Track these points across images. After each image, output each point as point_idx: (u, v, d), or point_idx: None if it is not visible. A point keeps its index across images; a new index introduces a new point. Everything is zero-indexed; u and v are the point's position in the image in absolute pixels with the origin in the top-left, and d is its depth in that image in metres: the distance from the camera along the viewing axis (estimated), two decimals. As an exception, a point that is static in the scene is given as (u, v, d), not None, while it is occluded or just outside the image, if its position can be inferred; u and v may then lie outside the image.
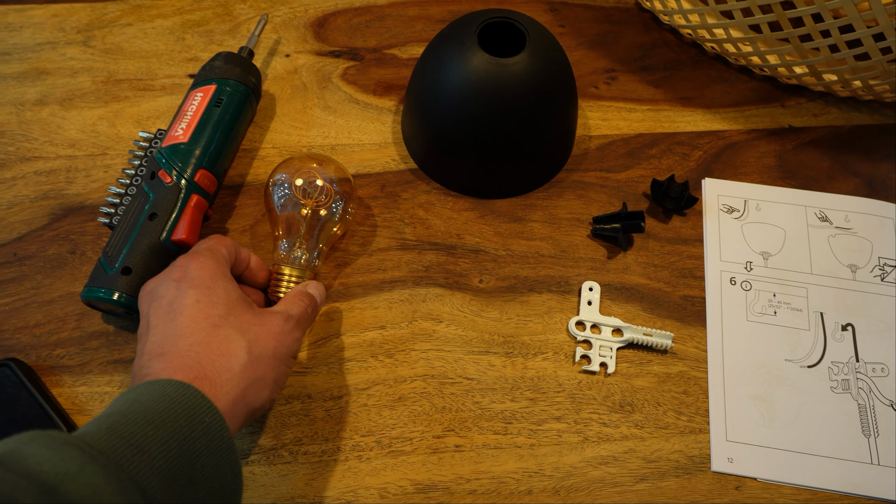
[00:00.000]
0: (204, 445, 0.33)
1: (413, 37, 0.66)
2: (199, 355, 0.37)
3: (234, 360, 0.38)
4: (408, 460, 0.46)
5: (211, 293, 0.40)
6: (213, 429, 0.34)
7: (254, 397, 0.39)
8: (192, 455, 0.33)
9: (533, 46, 0.50)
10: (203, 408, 0.34)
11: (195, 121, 0.51)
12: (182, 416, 0.33)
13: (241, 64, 0.55)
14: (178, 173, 0.49)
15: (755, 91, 0.65)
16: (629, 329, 0.51)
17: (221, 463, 0.34)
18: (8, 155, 0.56)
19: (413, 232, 0.55)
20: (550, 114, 0.54)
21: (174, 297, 0.40)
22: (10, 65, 0.61)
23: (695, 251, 0.55)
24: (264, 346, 0.40)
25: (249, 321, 0.40)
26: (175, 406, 0.34)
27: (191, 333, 0.38)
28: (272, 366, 0.40)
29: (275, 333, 0.41)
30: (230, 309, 0.40)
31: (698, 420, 0.48)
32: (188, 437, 0.33)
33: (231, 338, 0.39)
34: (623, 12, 0.69)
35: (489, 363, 0.50)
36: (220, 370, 0.37)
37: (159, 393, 0.34)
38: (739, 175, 0.59)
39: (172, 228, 0.47)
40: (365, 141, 0.59)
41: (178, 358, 0.37)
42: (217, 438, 0.34)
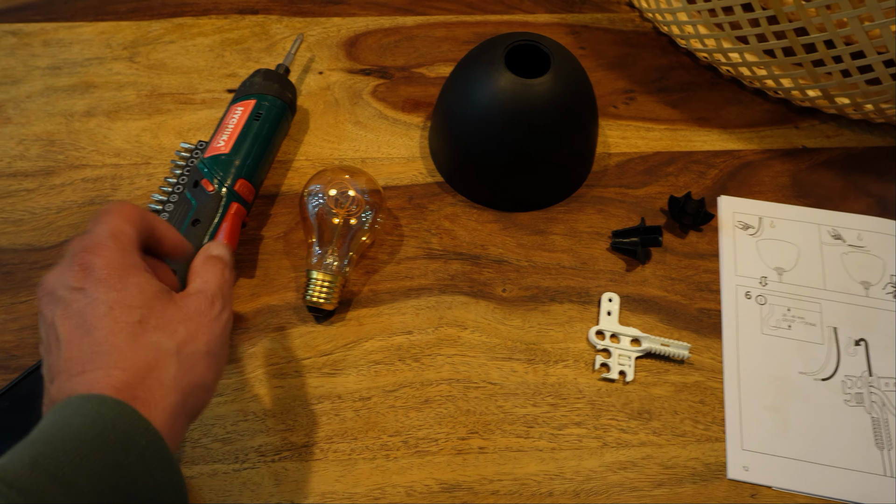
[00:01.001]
0: (140, 471, 0.31)
1: (440, 56, 0.69)
2: (125, 373, 0.33)
3: (164, 373, 0.34)
4: (433, 460, 0.48)
5: (123, 295, 0.35)
6: (149, 451, 0.31)
7: (194, 404, 0.36)
8: (127, 482, 0.30)
9: (557, 68, 0.53)
10: (139, 430, 0.31)
11: (236, 133, 0.54)
12: (116, 441, 0.30)
13: (278, 80, 0.58)
14: (220, 182, 0.52)
15: (769, 112, 0.67)
16: (647, 339, 0.53)
17: (163, 484, 0.32)
18: (58, 163, 0.59)
19: (439, 242, 0.57)
20: (573, 132, 0.56)
21: (83, 306, 0.34)
22: (60, 78, 0.64)
23: (711, 266, 0.57)
24: (196, 346, 0.36)
25: (173, 318, 0.36)
26: (108, 430, 0.30)
27: (111, 349, 0.34)
28: (208, 365, 0.37)
29: (204, 325, 0.37)
30: (149, 309, 0.35)
31: (714, 429, 0.50)
32: (121, 464, 0.30)
33: (157, 346, 0.35)
34: (641, 36, 0.72)
35: (512, 369, 0.52)
36: (150, 388, 0.33)
37: (93, 413, 0.31)
38: (754, 193, 0.61)
39: (213, 234, 0.50)
40: (394, 155, 0.62)
41: (103, 379, 0.33)
42: (156, 460, 0.31)
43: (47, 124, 0.62)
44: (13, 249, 0.55)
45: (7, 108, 0.62)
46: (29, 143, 0.60)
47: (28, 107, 0.62)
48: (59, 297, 0.35)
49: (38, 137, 0.61)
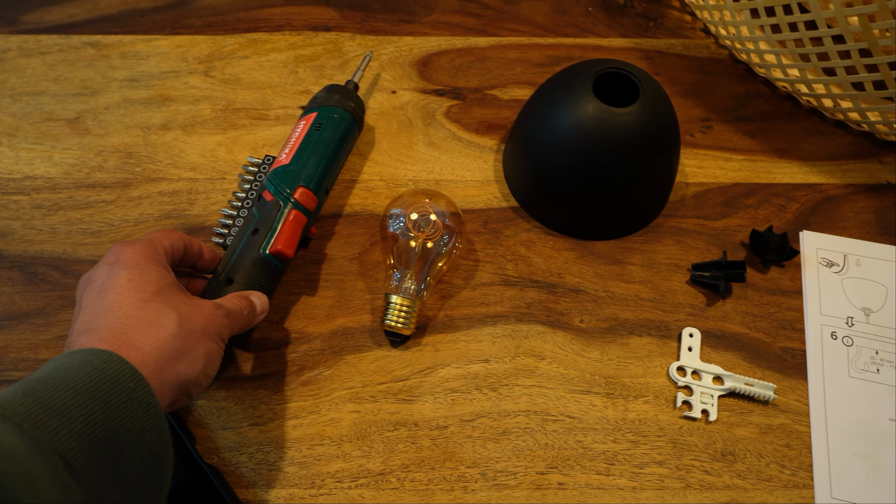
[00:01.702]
0: (129, 411, 0.33)
1: (513, 79, 0.68)
2: (126, 326, 0.37)
3: (163, 330, 0.38)
4: (512, 494, 0.47)
5: (143, 273, 0.40)
6: (137, 395, 0.33)
7: (185, 368, 0.39)
8: (115, 420, 0.32)
9: (646, 98, 0.52)
10: (127, 374, 0.34)
11: (296, 145, 0.54)
12: (104, 381, 0.33)
13: (339, 91, 0.58)
14: (278, 190, 0.52)
15: (852, 146, 0.65)
16: (731, 377, 0.51)
17: (148, 429, 0.33)
18: (135, 175, 0.60)
19: (515, 269, 0.56)
20: (656, 163, 0.55)
21: (106, 279, 0.40)
22: (137, 91, 0.65)
23: (794, 303, 0.56)
24: (194, 322, 0.40)
25: (181, 300, 0.41)
26: (97, 372, 0.33)
27: (119, 307, 0.38)
28: (202, 341, 0.40)
29: (205, 314, 0.41)
30: (162, 288, 0.40)
31: (802, 475, 0.48)
32: (111, 402, 0.32)
33: (161, 311, 0.39)
34: (717, 63, 0.71)
35: (591, 403, 0.51)
36: (147, 338, 0.37)
37: (81, 361, 0.33)
38: (837, 229, 0.60)
39: (270, 240, 0.50)
40: (468, 177, 0.61)
41: (105, 331, 0.36)
42: (142, 405, 0.33)
43: (125, 136, 0.62)
44: (92, 261, 0.55)
45: (86, 118, 0.63)
46: (107, 154, 0.61)
47: (106, 118, 0.63)
48: (91, 278, 0.41)
49: (116, 149, 0.61)
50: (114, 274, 0.40)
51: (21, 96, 0.64)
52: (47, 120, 0.62)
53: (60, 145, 0.61)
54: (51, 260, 0.55)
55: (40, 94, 0.64)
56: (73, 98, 0.64)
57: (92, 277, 0.41)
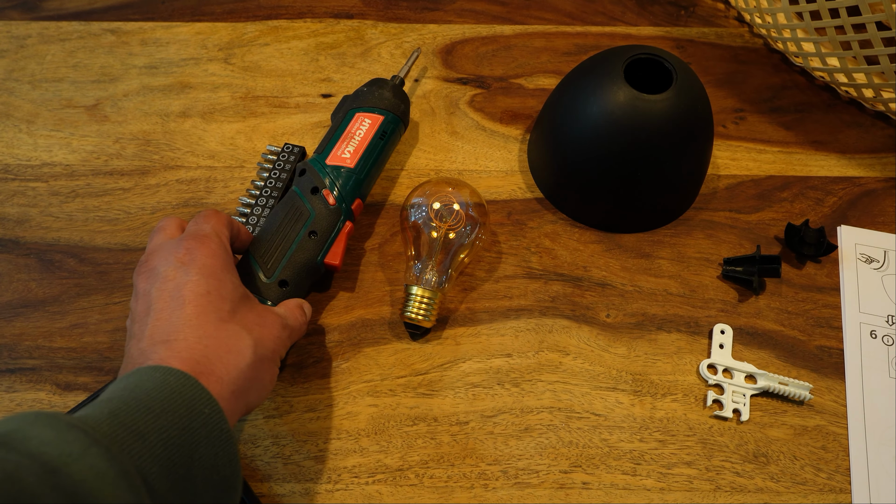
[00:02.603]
0: (203, 436, 0.33)
1: (539, 67, 0.66)
2: (207, 349, 0.36)
3: (241, 359, 0.37)
4: (534, 493, 0.46)
5: (221, 286, 0.39)
6: (211, 420, 0.34)
7: (253, 396, 0.39)
8: (190, 445, 0.32)
9: (679, 85, 0.50)
10: (202, 400, 0.34)
11: (362, 148, 0.52)
12: (182, 406, 0.33)
13: (404, 101, 0.56)
14: (341, 197, 0.50)
15: (893, 138, 0.62)
16: (764, 376, 0.49)
17: (220, 454, 0.34)
18: (153, 163, 0.59)
19: (539, 261, 0.55)
20: (688, 153, 0.53)
21: (181, 283, 0.38)
22: (156, 78, 0.64)
23: (831, 300, 0.53)
24: (266, 348, 0.40)
25: (254, 321, 0.40)
26: (175, 396, 0.33)
27: (200, 325, 0.37)
28: (269, 368, 0.40)
29: (274, 336, 0.41)
30: (237, 305, 0.40)
31: (838, 479, 0.46)
32: (187, 427, 0.32)
33: (239, 335, 0.38)
34: (751, 52, 0.68)
35: (617, 400, 0.49)
36: (227, 367, 0.37)
37: (160, 381, 0.34)
38: (877, 224, 0.57)
39: (327, 251, 0.48)
40: (491, 168, 0.60)
41: (185, 349, 0.36)
42: (216, 430, 0.34)
43: (143, 124, 0.61)
44: (108, 249, 0.54)
45: (105, 105, 0.62)
46: (125, 141, 0.60)
47: (125, 105, 0.62)
48: (161, 272, 0.39)
49: (135, 136, 0.60)
50: (189, 279, 0.38)
51: (40, 83, 0.63)
52: (66, 107, 0.62)
53: (79, 132, 0.60)
54: (67, 247, 0.54)
55: (60, 81, 0.63)
56: (92, 85, 0.63)
57: (161, 272, 0.39)
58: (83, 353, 0.50)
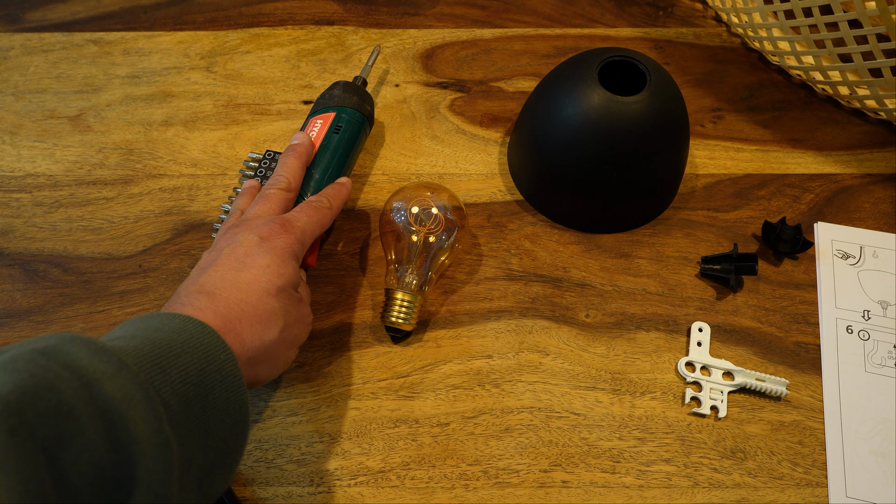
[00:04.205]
0: (218, 381, 0.35)
1: (519, 70, 0.67)
2: (242, 312, 0.39)
3: (267, 333, 0.40)
4: (514, 492, 0.46)
5: (281, 265, 0.42)
6: (226, 367, 0.36)
7: (264, 370, 0.41)
8: (206, 386, 0.34)
9: (653, 86, 0.51)
10: (218, 347, 0.36)
11: (315, 147, 0.53)
12: (199, 350, 0.35)
13: (357, 93, 0.57)
14: (300, 196, 0.50)
15: (869, 134, 0.63)
16: (741, 373, 0.50)
17: (232, 399, 0.36)
18: (136, 172, 0.59)
19: (519, 263, 0.55)
20: (664, 153, 0.54)
21: (251, 252, 0.42)
22: (139, 87, 0.64)
23: (808, 296, 0.54)
24: (292, 334, 0.43)
25: (293, 308, 0.43)
26: (194, 340, 0.35)
27: (247, 289, 0.40)
28: (287, 351, 0.43)
29: (304, 326, 0.45)
30: (286, 288, 0.42)
31: (815, 473, 0.47)
32: (204, 369, 0.34)
33: (274, 312, 0.41)
34: (729, 51, 0.69)
35: (596, 399, 0.50)
36: (253, 335, 0.39)
37: (180, 327, 0.36)
38: (854, 220, 0.58)
39: None
40: (472, 171, 0.60)
41: (223, 305, 0.39)
42: (230, 377, 0.36)
43: (126, 133, 0.62)
44: (91, 258, 0.55)
45: (88, 116, 0.62)
46: (108, 151, 0.61)
47: (108, 115, 0.63)
48: (239, 238, 0.43)
49: (118, 146, 0.61)
50: (259, 252, 0.42)
51: (24, 94, 0.64)
52: (49, 117, 0.62)
53: (62, 143, 0.61)
54: (51, 257, 0.55)
55: (43, 92, 0.64)
56: (75, 95, 0.64)
57: (240, 238, 0.43)
58: (67, 362, 0.50)
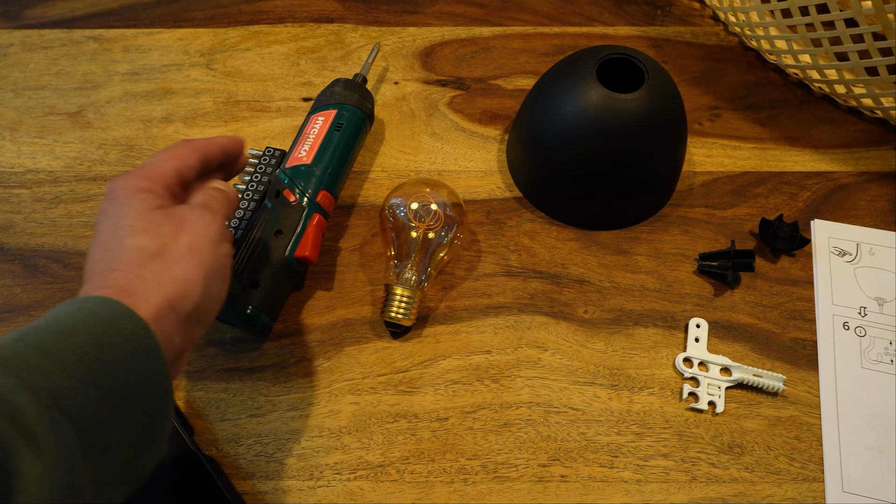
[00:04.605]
0: (127, 351, 0.32)
1: (517, 69, 0.67)
2: (114, 272, 0.36)
3: (147, 270, 0.36)
4: (513, 486, 0.46)
5: (124, 205, 0.38)
6: (136, 335, 0.33)
7: (178, 298, 0.37)
8: (112, 360, 0.32)
9: (651, 84, 0.51)
10: (123, 315, 0.33)
11: (317, 143, 0.53)
12: (99, 324, 0.32)
13: (358, 90, 0.57)
14: (301, 193, 0.51)
15: (865, 133, 0.63)
16: (739, 369, 0.50)
17: (148, 369, 0.33)
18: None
19: (518, 259, 0.55)
20: (662, 150, 0.54)
21: (99, 220, 0.39)
22: (139, 84, 0.64)
23: (805, 293, 0.54)
24: (176, 244, 0.38)
25: (158, 222, 0.38)
26: (91, 316, 0.32)
27: (106, 249, 0.37)
28: (192, 264, 0.38)
29: (189, 224, 0.39)
30: (139, 215, 0.38)
31: (812, 468, 0.47)
32: (106, 343, 0.32)
33: (142, 248, 0.37)
34: (726, 50, 0.69)
35: (594, 394, 0.50)
36: (135, 280, 0.36)
37: (76, 308, 0.33)
38: (850, 218, 0.58)
39: (295, 246, 0.49)
40: (471, 168, 0.60)
41: (98, 280, 0.36)
42: (142, 346, 0.33)
43: (126, 129, 0.62)
44: (92, 253, 0.55)
45: (88, 112, 0.63)
46: (108, 147, 0.61)
47: (108, 112, 0.63)
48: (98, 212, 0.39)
49: (118, 142, 0.61)
50: (104, 216, 0.39)
51: (23, 91, 0.64)
52: (49, 114, 0.62)
53: (62, 139, 0.61)
54: (52, 252, 0.55)
55: (42, 89, 0.64)
56: (74, 92, 0.64)
57: (98, 211, 0.40)
58: (67, 356, 0.50)
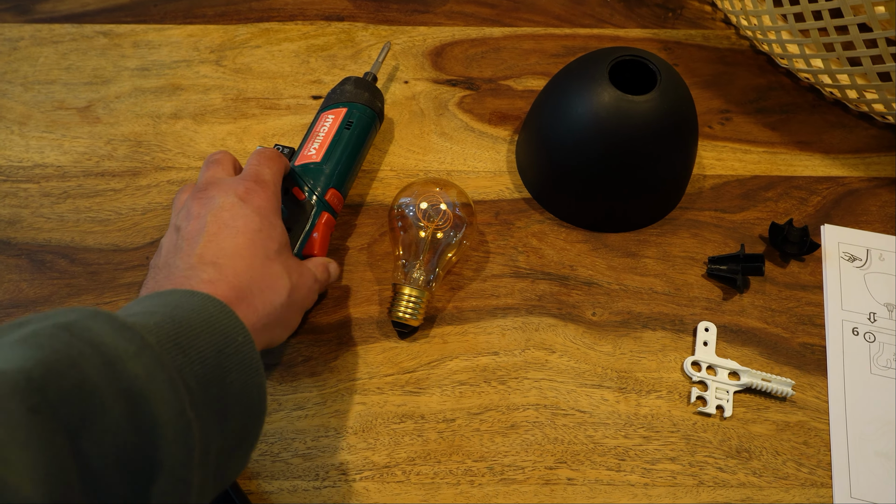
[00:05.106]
0: (236, 363, 0.34)
1: (528, 69, 0.67)
2: (251, 281, 0.39)
3: (277, 298, 0.40)
4: (520, 489, 0.46)
5: (271, 228, 0.42)
6: (244, 349, 0.35)
7: (276, 335, 0.42)
8: (224, 368, 0.34)
9: (664, 86, 0.51)
10: (237, 329, 0.35)
11: (327, 141, 0.53)
12: (218, 331, 0.34)
13: (368, 89, 0.57)
14: (310, 191, 0.51)
15: (876, 138, 0.63)
16: (747, 373, 0.50)
17: (250, 382, 0.35)
18: (144, 164, 0.59)
19: (526, 261, 0.55)
20: (674, 153, 0.54)
21: (237, 214, 0.41)
22: (148, 80, 0.64)
23: (814, 298, 0.54)
24: (299, 295, 0.43)
25: (293, 267, 0.43)
26: (212, 321, 0.34)
27: (249, 256, 0.40)
28: (297, 313, 0.44)
29: (307, 286, 0.45)
30: (281, 249, 0.43)
31: (820, 473, 0.47)
32: (222, 351, 0.34)
33: (279, 275, 0.41)
34: (738, 54, 0.69)
35: (602, 397, 0.50)
36: (263, 302, 0.39)
37: (199, 305, 0.35)
38: (860, 223, 0.58)
39: (304, 243, 0.49)
40: (480, 168, 0.60)
41: (232, 275, 0.39)
42: (248, 359, 0.35)
43: (135, 125, 0.62)
44: (99, 249, 0.55)
45: (97, 107, 0.63)
46: (117, 143, 0.61)
47: (117, 107, 0.63)
48: (218, 201, 0.42)
49: (126, 138, 0.61)
50: (245, 214, 0.41)
51: (33, 85, 0.64)
52: (58, 108, 0.62)
53: (71, 134, 0.61)
54: (59, 248, 0.55)
55: (52, 83, 0.64)
56: (84, 87, 0.64)
57: (218, 201, 0.42)
58: (74, 352, 0.50)
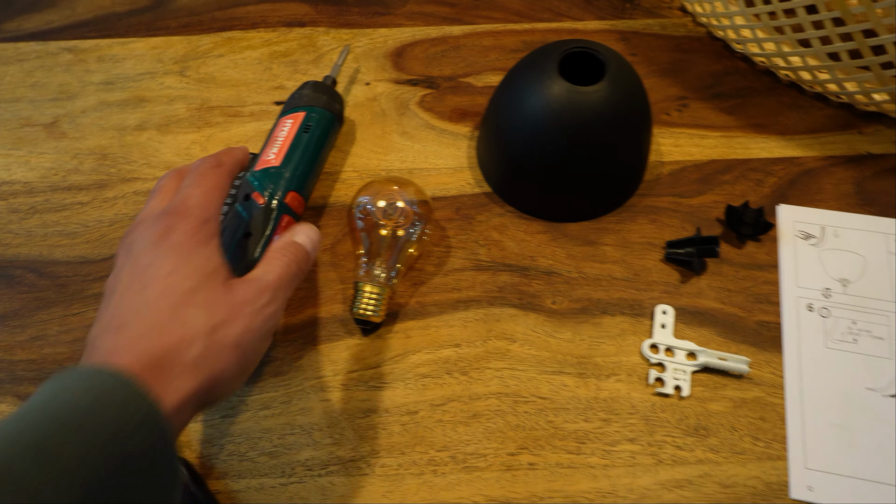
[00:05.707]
0: (137, 442, 0.30)
1: (487, 66, 0.68)
2: (158, 338, 0.34)
3: (188, 352, 0.34)
4: (482, 476, 0.47)
5: (186, 263, 0.36)
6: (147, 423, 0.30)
7: (207, 392, 0.35)
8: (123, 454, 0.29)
9: (612, 76, 0.52)
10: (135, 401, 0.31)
11: (286, 145, 0.54)
12: (110, 411, 0.30)
13: (326, 92, 0.58)
14: (270, 195, 0.51)
15: (831, 118, 0.64)
16: (704, 353, 0.51)
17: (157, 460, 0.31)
18: (110, 176, 0.60)
19: (487, 253, 0.56)
20: (626, 141, 0.55)
21: (151, 261, 0.36)
22: (113, 93, 0.65)
23: (770, 277, 0.55)
24: (227, 334, 0.35)
25: (217, 300, 0.36)
26: (102, 400, 0.30)
27: (155, 310, 0.34)
28: (233, 358, 0.36)
29: (244, 315, 0.37)
30: (201, 283, 0.36)
31: (776, 446, 0.48)
32: (117, 434, 0.29)
33: (192, 322, 0.35)
34: (694, 41, 0.70)
35: (562, 383, 0.51)
36: (173, 361, 0.33)
37: (85, 386, 0.30)
38: (816, 202, 0.59)
39: (265, 247, 0.50)
40: (441, 165, 0.61)
41: (136, 338, 0.33)
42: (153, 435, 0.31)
43: (100, 138, 0.63)
44: (66, 262, 0.56)
45: (63, 123, 0.64)
46: (83, 157, 0.62)
47: (82, 121, 0.64)
48: (136, 249, 0.37)
49: (92, 151, 0.62)
50: (158, 256, 0.36)
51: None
52: (24, 125, 0.63)
53: (37, 150, 0.62)
54: (27, 262, 0.56)
55: (18, 101, 0.65)
56: (50, 103, 0.65)
57: (135, 249, 0.37)
58: (43, 364, 0.51)
